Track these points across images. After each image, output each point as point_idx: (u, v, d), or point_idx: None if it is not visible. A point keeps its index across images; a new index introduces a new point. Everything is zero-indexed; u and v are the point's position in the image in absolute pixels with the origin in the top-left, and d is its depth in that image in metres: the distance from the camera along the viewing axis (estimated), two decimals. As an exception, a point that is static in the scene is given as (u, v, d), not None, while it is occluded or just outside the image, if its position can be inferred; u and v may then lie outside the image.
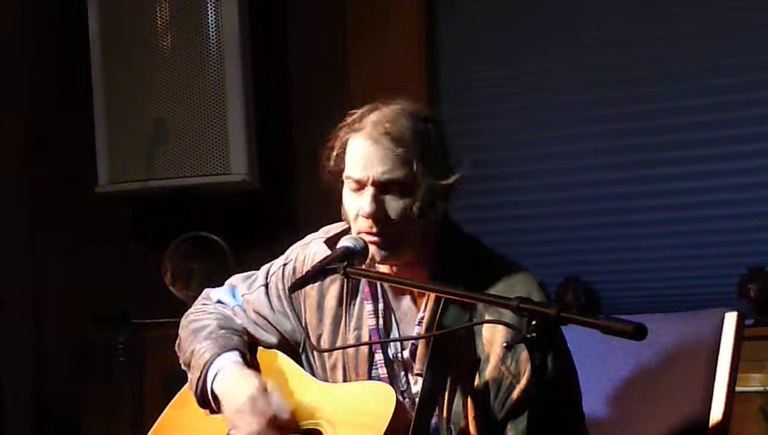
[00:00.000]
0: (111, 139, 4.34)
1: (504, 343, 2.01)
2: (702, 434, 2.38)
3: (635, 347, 2.36)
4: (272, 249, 2.46)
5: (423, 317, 2.16)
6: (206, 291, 2.48)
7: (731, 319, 2.48)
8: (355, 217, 2.13)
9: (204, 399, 2.26)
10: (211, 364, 2.24)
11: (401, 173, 2.08)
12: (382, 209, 2.09)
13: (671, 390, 2.47)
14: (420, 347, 2.14)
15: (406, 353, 2.19)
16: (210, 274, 4.18)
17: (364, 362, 2.21)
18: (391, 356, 2.21)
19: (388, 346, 2.21)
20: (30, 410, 4.49)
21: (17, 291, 4.35)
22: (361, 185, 2.11)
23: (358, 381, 2.22)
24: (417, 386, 2.17)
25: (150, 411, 2.59)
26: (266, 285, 2.36)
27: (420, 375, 2.12)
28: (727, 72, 4.06)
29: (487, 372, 2.08)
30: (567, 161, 4.32)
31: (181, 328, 2.40)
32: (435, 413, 2.11)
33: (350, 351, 2.23)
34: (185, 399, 2.34)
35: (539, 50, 4.35)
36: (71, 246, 4.55)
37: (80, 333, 4.62)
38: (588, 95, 4.28)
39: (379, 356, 2.21)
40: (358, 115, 2.16)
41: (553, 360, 1.84)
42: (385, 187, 2.09)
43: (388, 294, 2.23)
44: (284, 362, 2.31)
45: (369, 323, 2.21)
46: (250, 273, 2.43)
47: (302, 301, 2.31)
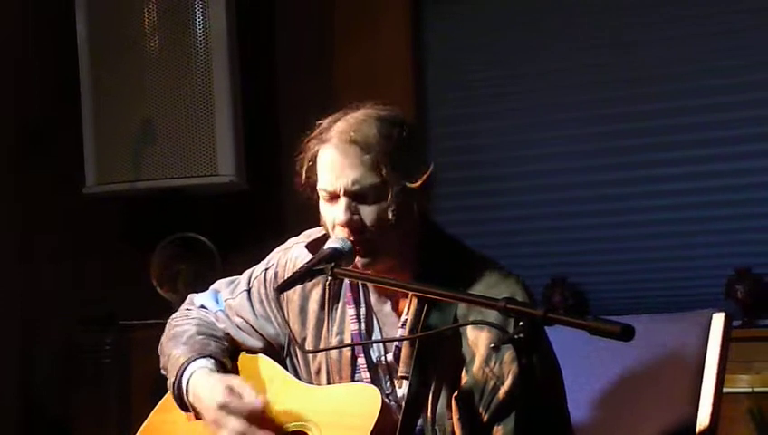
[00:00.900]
0: (99, 140, 4.33)
1: (492, 344, 2.01)
2: (690, 435, 2.39)
3: (622, 348, 2.34)
4: (259, 250, 2.46)
5: (406, 320, 2.15)
6: (191, 296, 2.48)
7: (718, 320, 2.49)
8: (332, 226, 2.13)
9: (182, 403, 2.26)
10: (185, 369, 2.24)
11: (372, 180, 2.08)
12: (358, 218, 2.09)
13: (659, 391, 2.47)
14: (404, 350, 2.13)
15: (389, 357, 2.18)
16: (197, 275, 4.17)
17: (347, 366, 2.21)
18: (375, 360, 2.21)
19: (372, 350, 2.21)
20: (17, 411, 4.47)
21: (4, 292, 4.33)
22: (334, 196, 2.11)
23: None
24: (401, 390, 2.16)
25: (137, 412, 2.59)
26: (249, 290, 2.36)
27: (405, 378, 2.11)
28: (721, 74, 4.07)
29: (471, 373, 2.08)
30: (555, 163, 4.33)
31: (164, 333, 2.40)
32: (420, 415, 2.11)
33: (334, 355, 2.22)
34: (169, 404, 2.33)
35: (532, 50, 4.36)
36: (59, 247, 4.54)
37: (67, 334, 4.60)
38: (578, 97, 4.29)
39: (361, 360, 2.21)
40: (325, 125, 2.17)
41: (539, 361, 1.84)
42: (357, 195, 2.09)
43: (370, 299, 2.23)
44: (269, 365, 2.30)
45: (352, 327, 2.21)
46: (233, 278, 2.43)
47: (284, 305, 2.30)
